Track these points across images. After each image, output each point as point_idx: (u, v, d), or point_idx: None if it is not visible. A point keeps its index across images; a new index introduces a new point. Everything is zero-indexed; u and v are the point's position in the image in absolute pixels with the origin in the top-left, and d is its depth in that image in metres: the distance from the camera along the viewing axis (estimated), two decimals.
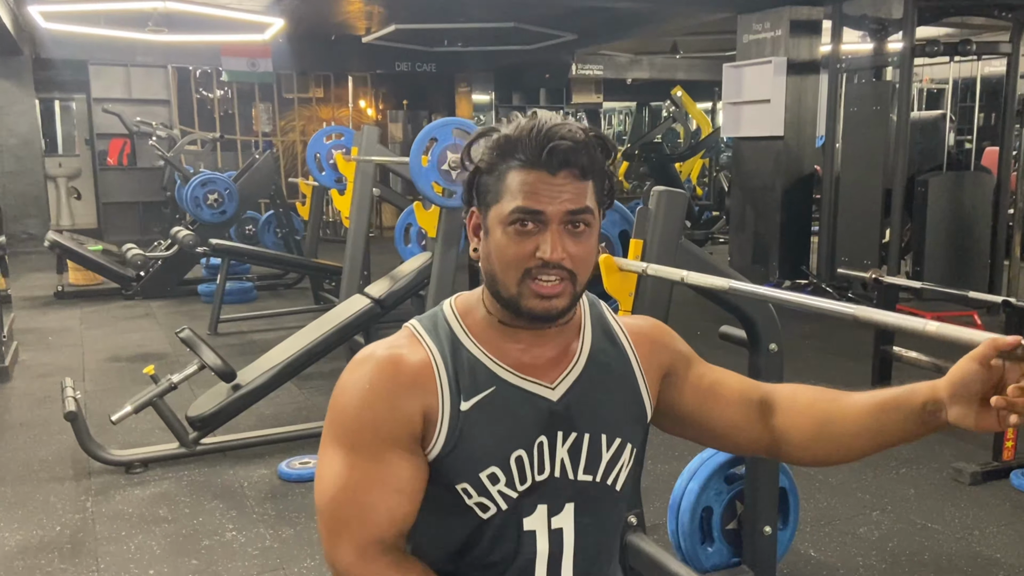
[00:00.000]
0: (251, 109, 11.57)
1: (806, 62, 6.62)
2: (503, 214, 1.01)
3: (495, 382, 1.05)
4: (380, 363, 1.04)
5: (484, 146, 1.04)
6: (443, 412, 1.03)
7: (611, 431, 1.09)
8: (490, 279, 1.05)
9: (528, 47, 9.83)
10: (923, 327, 1.26)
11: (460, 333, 1.08)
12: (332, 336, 3.62)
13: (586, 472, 1.08)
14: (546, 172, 1.00)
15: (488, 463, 1.04)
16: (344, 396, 1.05)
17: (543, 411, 1.06)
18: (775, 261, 6.89)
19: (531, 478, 1.05)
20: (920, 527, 2.84)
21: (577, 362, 1.10)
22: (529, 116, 1.04)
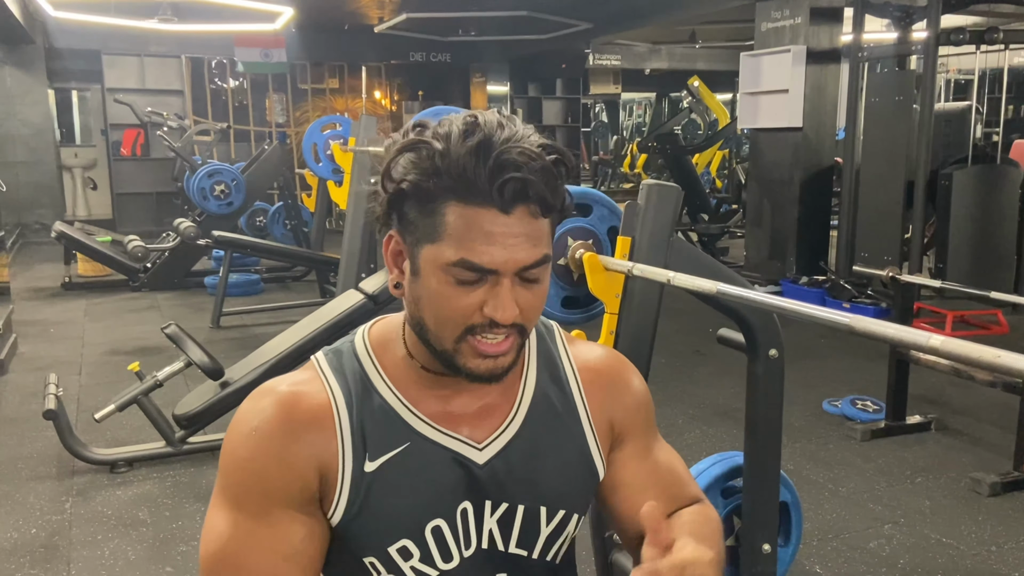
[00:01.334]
0: (265, 100, 11.50)
1: (826, 51, 6.41)
2: (441, 261, 0.80)
3: (409, 437, 0.87)
4: (273, 404, 0.87)
5: (410, 162, 0.80)
6: (343, 471, 0.86)
7: (552, 502, 0.92)
8: (417, 325, 0.86)
9: (543, 36, 9.66)
10: (927, 341, 1.10)
11: (372, 372, 0.89)
12: (323, 332, 3.51)
13: (519, 547, 0.91)
14: (496, 210, 0.79)
15: (398, 535, 0.87)
16: (232, 439, 0.88)
17: (468, 473, 0.88)
18: (792, 256, 6.69)
19: (456, 555, 0.89)
20: (935, 542, 2.67)
21: (514, 417, 0.92)
22: (465, 122, 0.80)
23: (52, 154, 10.06)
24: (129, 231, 8.66)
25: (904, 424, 3.57)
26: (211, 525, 0.88)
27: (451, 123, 0.81)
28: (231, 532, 0.86)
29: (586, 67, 12.65)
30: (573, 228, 2.07)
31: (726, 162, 11.43)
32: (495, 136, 0.78)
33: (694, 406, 3.96)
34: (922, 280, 3.69)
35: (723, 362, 4.44)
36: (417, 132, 0.82)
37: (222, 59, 10.96)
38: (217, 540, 0.86)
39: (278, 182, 7.72)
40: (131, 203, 10.72)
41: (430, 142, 0.79)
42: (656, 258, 1.84)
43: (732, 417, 3.77)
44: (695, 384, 4.28)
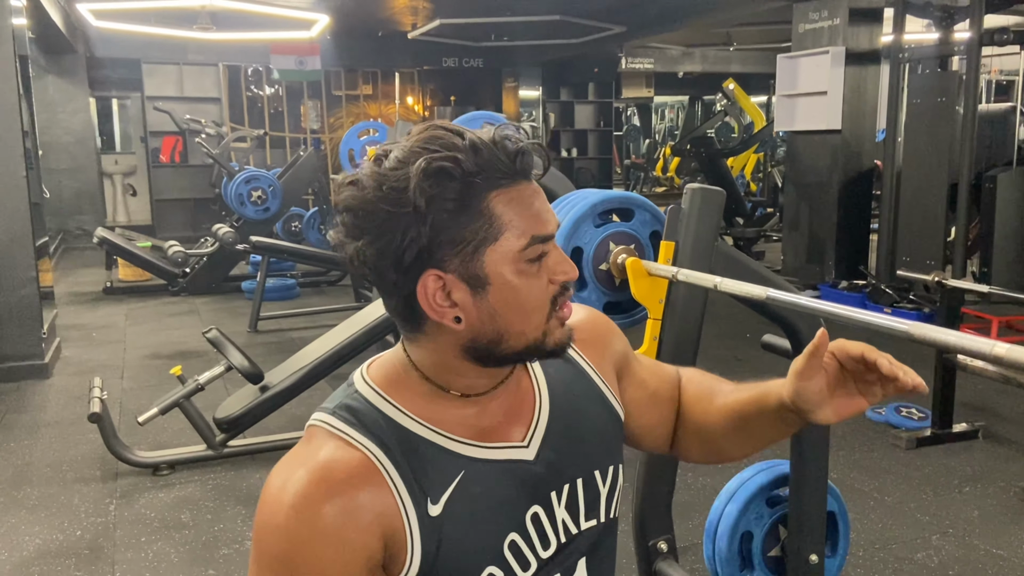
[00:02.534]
0: (300, 106, 11.63)
1: (866, 52, 6.31)
2: (512, 252, 0.79)
3: (461, 465, 0.83)
4: (309, 483, 0.78)
5: (441, 178, 0.76)
6: (409, 525, 0.80)
7: (601, 462, 0.94)
8: (488, 341, 0.82)
9: (576, 41, 9.65)
10: (991, 349, 1.07)
11: (398, 416, 0.83)
12: (360, 337, 3.52)
13: (588, 519, 0.92)
14: (524, 181, 0.81)
15: (482, 565, 0.83)
16: (270, 531, 0.78)
17: (525, 477, 0.87)
18: (831, 261, 6.59)
19: (534, 561, 0.87)
20: (984, 553, 2.61)
21: (540, 403, 0.91)
22: (448, 130, 0.80)
23: (93, 161, 10.27)
24: (167, 237, 8.81)
25: (951, 432, 3.50)
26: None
27: (424, 134, 0.80)
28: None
29: (618, 71, 12.59)
30: (615, 233, 2.05)
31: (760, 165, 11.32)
32: (480, 131, 0.81)
33: None
34: (969, 285, 3.61)
35: (762, 368, 4.33)
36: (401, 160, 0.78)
37: (258, 67, 11.10)
38: None
39: (313, 188, 7.79)
40: (169, 209, 10.89)
41: (453, 155, 0.77)
42: (701, 263, 1.82)
43: None
44: None
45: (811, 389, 0.88)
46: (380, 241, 0.78)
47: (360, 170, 0.80)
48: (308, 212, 8.16)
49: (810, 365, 0.87)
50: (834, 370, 0.88)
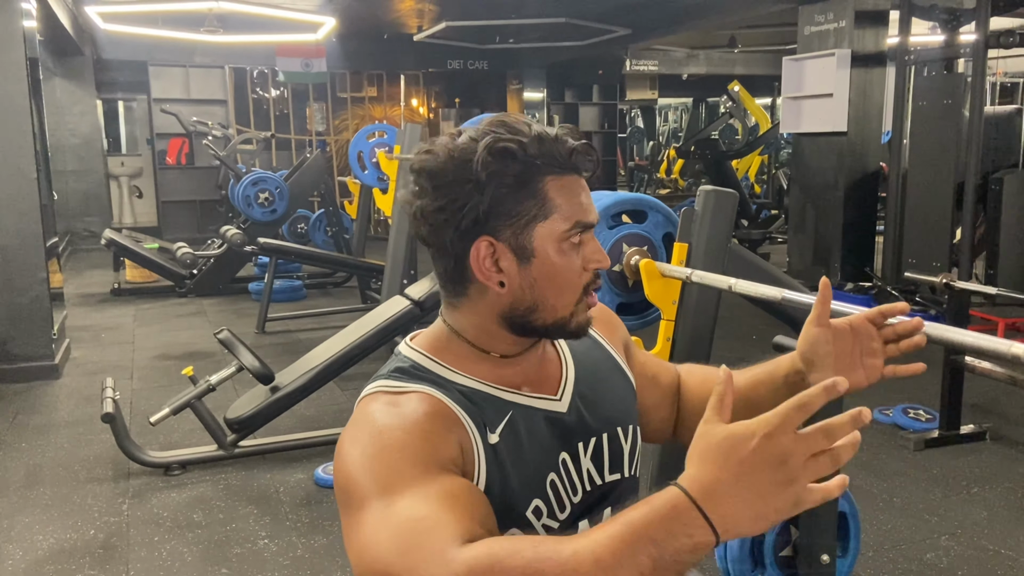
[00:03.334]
0: (305, 108, 11.66)
1: (872, 54, 6.32)
2: (558, 231, 0.89)
3: (508, 407, 0.93)
4: (389, 417, 0.86)
5: (505, 157, 0.87)
6: (477, 448, 0.88)
7: (622, 421, 1.04)
8: (524, 309, 0.91)
9: (581, 43, 9.67)
10: (1008, 350, 1.09)
11: (446, 372, 0.93)
12: (371, 338, 3.55)
13: (612, 472, 1.01)
14: (576, 175, 0.92)
15: (531, 495, 0.92)
16: (356, 459, 0.83)
17: (558, 426, 0.97)
18: (837, 263, 6.60)
19: (568, 504, 0.96)
20: (992, 553, 2.62)
21: (567, 364, 1.02)
22: (518, 121, 0.90)
23: (100, 163, 10.30)
24: (174, 238, 8.83)
25: (958, 433, 3.51)
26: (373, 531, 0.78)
27: (495, 121, 0.90)
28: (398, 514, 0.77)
29: (623, 72, 12.62)
30: (628, 235, 2.07)
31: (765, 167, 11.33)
32: (546, 126, 0.91)
33: None
34: (977, 287, 3.62)
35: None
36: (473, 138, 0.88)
37: (264, 69, 11.13)
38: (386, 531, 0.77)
39: (319, 190, 7.82)
40: (176, 211, 10.93)
41: (518, 139, 0.88)
42: (714, 264, 1.83)
43: None
44: None
45: (820, 344, 1.01)
46: (443, 201, 0.88)
47: (436, 141, 0.90)
48: (314, 214, 8.18)
49: (823, 312, 1.01)
50: (844, 334, 1.01)
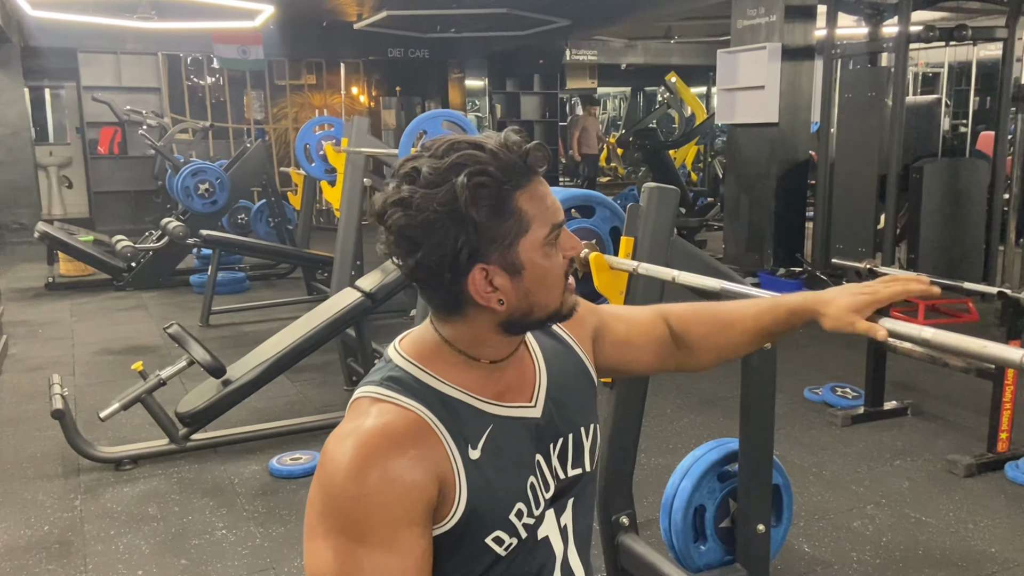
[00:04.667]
0: (243, 96, 11.48)
1: (801, 48, 6.55)
2: (539, 240, 0.96)
3: (489, 420, 1.01)
4: (375, 436, 0.92)
5: (477, 189, 0.91)
6: (457, 467, 0.95)
7: (585, 420, 1.12)
8: (521, 315, 0.98)
9: (522, 33, 9.75)
10: (919, 334, 1.23)
11: (436, 384, 0.99)
12: (322, 331, 3.59)
13: (574, 467, 1.10)
14: (537, 178, 0.97)
15: (513, 501, 1.00)
16: (339, 483, 0.91)
17: (533, 431, 1.05)
18: (769, 249, 6.85)
19: (542, 500, 1.05)
20: (914, 521, 2.83)
21: (540, 370, 1.09)
22: (470, 143, 0.93)
23: (29, 153, 9.97)
24: (107, 230, 8.65)
25: (882, 410, 3.74)
26: (332, 569, 0.89)
27: (447, 149, 0.93)
28: (361, 569, 0.89)
29: (563, 62, 12.75)
30: (577, 229, 2.18)
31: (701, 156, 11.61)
32: (489, 139, 0.95)
33: (682, 396, 4.09)
34: (895, 271, 3.85)
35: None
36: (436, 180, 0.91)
37: (199, 56, 10.92)
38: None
39: (261, 180, 7.75)
40: (109, 201, 10.66)
41: (480, 166, 0.91)
42: (658, 257, 1.96)
43: (718, 405, 3.91)
44: (683, 376, 4.41)
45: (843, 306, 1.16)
46: (439, 250, 0.92)
47: (400, 190, 0.92)
48: (256, 205, 8.10)
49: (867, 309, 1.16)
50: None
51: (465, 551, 0.98)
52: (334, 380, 4.39)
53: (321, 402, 4.10)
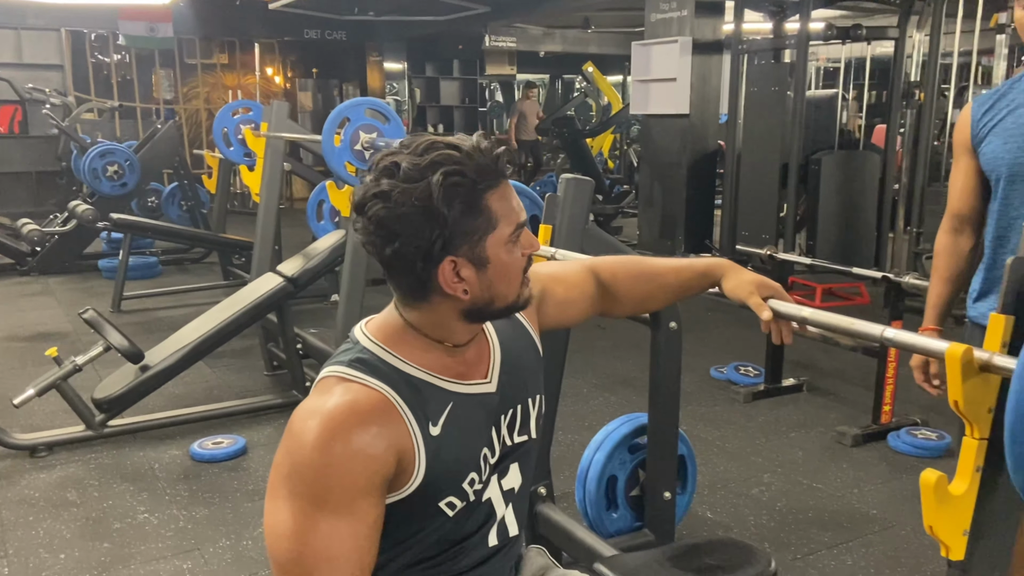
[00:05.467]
0: (151, 75, 11.11)
1: (710, 42, 6.82)
2: (505, 237, 1.05)
3: (450, 398, 1.10)
4: (342, 413, 1.01)
5: (451, 189, 1.00)
6: (417, 443, 1.05)
7: (532, 392, 1.24)
8: (482, 304, 1.08)
9: (441, 18, 9.77)
10: (798, 312, 1.39)
11: (401, 364, 1.08)
12: (244, 315, 3.60)
13: (520, 435, 1.22)
14: (502, 180, 1.07)
15: (467, 471, 1.11)
16: (307, 449, 1.00)
17: (489, 405, 1.16)
18: (681, 235, 7.12)
19: (489, 466, 1.16)
20: (806, 487, 3.07)
21: (495, 348, 1.20)
22: (425, 149, 1.02)
23: None
24: (7, 212, 8.27)
25: (780, 386, 4.00)
26: (288, 527, 0.99)
27: (426, 148, 1.02)
28: (316, 528, 0.99)
29: (482, 48, 12.80)
30: None
31: (617, 144, 11.88)
32: (463, 140, 1.04)
33: (597, 376, 4.27)
34: (795, 258, 4.12)
35: (621, 336, 4.79)
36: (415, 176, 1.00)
37: (104, 32, 10.51)
38: (300, 537, 0.99)
39: (173, 162, 7.56)
40: (8, 183, 10.16)
41: (456, 166, 1.01)
42: (574, 244, 2.09)
43: (630, 385, 4.10)
44: (597, 356, 4.60)
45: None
46: (414, 241, 1.01)
47: (380, 184, 1.01)
48: (167, 188, 7.91)
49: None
50: None
51: (418, 514, 1.09)
52: (254, 365, 4.39)
53: (241, 387, 4.10)
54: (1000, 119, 1.73)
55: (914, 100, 6.01)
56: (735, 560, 1.72)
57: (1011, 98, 1.73)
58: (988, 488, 1.11)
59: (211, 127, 5.38)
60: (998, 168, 1.73)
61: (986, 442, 1.11)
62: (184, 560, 2.54)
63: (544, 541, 2.23)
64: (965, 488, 1.15)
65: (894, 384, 3.49)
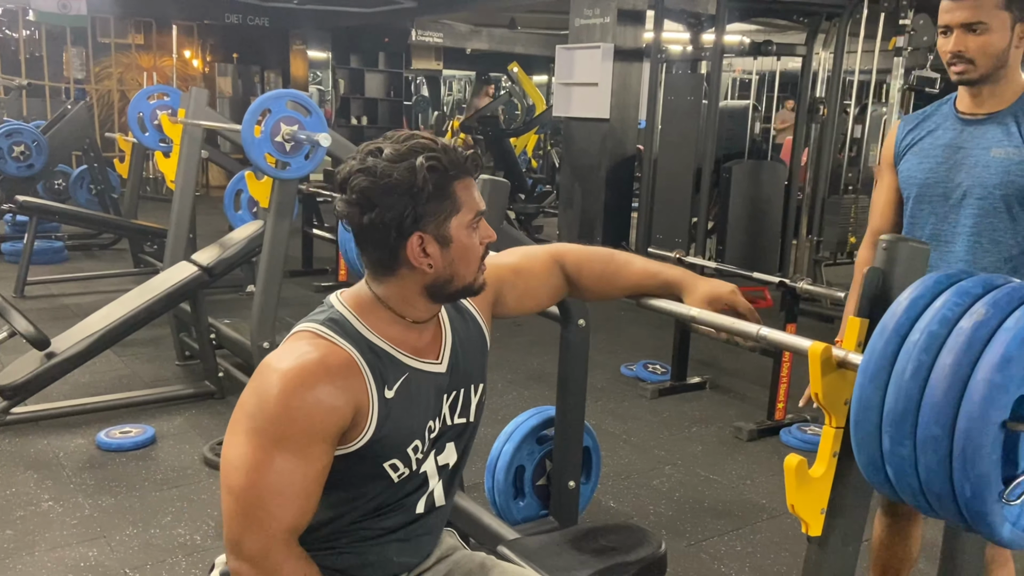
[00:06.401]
0: (62, 53, 10.68)
1: (631, 50, 7.01)
2: (466, 221, 1.20)
3: (406, 369, 1.23)
4: (313, 364, 1.14)
5: (428, 172, 1.14)
6: (373, 401, 1.18)
7: (475, 379, 1.37)
8: (443, 281, 1.22)
9: (366, 10, 9.71)
10: (687, 312, 1.51)
11: (368, 333, 1.21)
12: (157, 303, 3.56)
13: (460, 417, 1.34)
14: (470, 176, 1.22)
15: (412, 438, 1.24)
16: (275, 391, 1.12)
17: (438, 383, 1.29)
18: (599, 236, 7.30)
19: (430, 440, 1.29)
20: (704, 479, 3.24)
21: (447, 334, 1.32)
22: (425, 138, 1.18)
23: None
24: None
25: (685, 384, 4.19)
26: (246, 460, 1.12)
27: (407, 138, 1.18)
28: (272, 464, 1.11)
29: (409, 42, 12.76)
30: None
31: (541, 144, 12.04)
32: (436, 139, 1.20)
33: (512, 372, 4.38)
34: (702, 262, 4.30)
35: (536, 333, 4.91)
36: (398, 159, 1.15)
37: (12, 7, 10.04)
38: (256, 470, 1.11)
39: (83, 144, 7.32)
40: None
41: (433, 156, 1.15)
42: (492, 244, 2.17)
43: (544, 381, 4.23)
44: (513, 352, 4.71)
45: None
46: (390, 212, 1.15)
47: (365, 161, 1.15)
48: (75, 170, 7.64)
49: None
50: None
51: (366, 471, 1.21)
52: (165, 355, 4.33)
53: (151, 376, 4.04)
54: (920, 139, 1.86)
55: (818, 115, 6.34)
56: (628, 542, 1.84)
57: (933, 120, 1.86)
58: (843, 471, 1.25)
59: (124, 109, 5.24)
60: (910, 187, 1.86)
61: (842, 430, 1.25)
62: (89, 547, 2.52)
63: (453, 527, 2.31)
64: (823, 471, 1.29)
65: (788, 383, 3.71)
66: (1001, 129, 1.75)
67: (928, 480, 1.02)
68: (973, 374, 0.97)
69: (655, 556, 1.82)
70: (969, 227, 1.79)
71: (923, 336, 1.02)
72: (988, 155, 1.76)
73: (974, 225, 1.78)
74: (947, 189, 1.81)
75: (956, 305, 1.03)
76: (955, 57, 1.73)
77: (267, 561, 1.12)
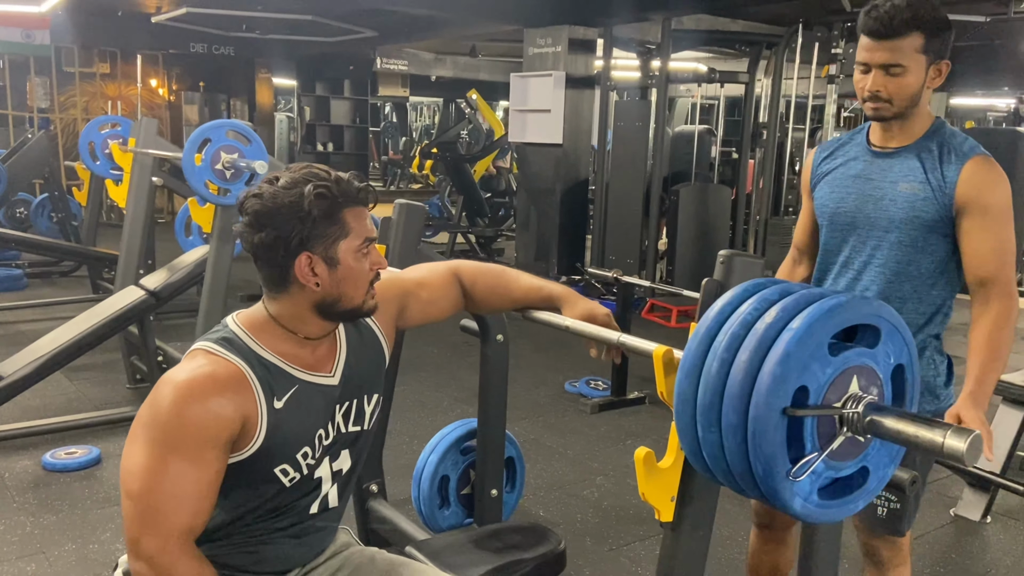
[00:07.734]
0: (25, 82, 10.73)
1: (583, 77, 7.22)
2: (355, 246, 1.30)
3: (296, 382, 1.34)
4: (204, 378, 1.24)
5: (316, 198, 1.26)
6: (261, 412, 1.28)
7: (369, 390, 1.46)
8: (333, 301, 1.32)
9: (329, 39, 9.89)
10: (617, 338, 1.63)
11: (259, 349, 1.32)
12: (103, 327, 3.64)
13: (354, 425, 1.45)
14: (362, 206, 1.33)
15: (301, 445, 1.34)
16: (167, 402, 1.22)
17: (329, 395, 1.38)
18: (554, 258, 7.47)
19: (322, 447, 1.38)
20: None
21: (341, 347, 1.43)
22: (321, 170, 1.30)
23: None
24: None
25: (625, 399, 4.33)
26: (143, 466, 1.22)
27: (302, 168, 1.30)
28: (166, 469, 1.21)
29: (374, 70, 12.95)
30: None
31: None
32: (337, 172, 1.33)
33: (459, 390, 4.50)
34: (639, 281, 4.49)
35: (456, 345, 5.02)
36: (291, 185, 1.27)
37: None
38: (153, 476, 1.21)
39: (43, 173, 7.38)
40: None
41: (322, 185, 1.27)
42: (407, 262, 2.31)
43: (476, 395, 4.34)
44: (461, 371, 4.83)
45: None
46: (278, 232, 1.26)
47: (259, 187, 1.29)
48: (37, 198, 7.70)
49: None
50: None
51: (258, 476, 1.31)
52: (116, 379, 4.40)
53: (101, 399, 4.11)
54: (834, 168, 1.89)
55: (761, 139, 6.58)
56: (529, 541, 1.98)
57: (847, 150, 1.89)
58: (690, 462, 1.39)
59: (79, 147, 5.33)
60: (823, 215, 1.90)
61: None
62: (28, 563, 2.60)
63: (375, 534, 2.43)
64: (671, 462, 1.44)
65: None
66: (908, 164, 1.78)
67: (733, 463, 1.17)
68: (761, 368, 1.12)
69: (553, 553, 1.95)
70: (878, 257, 1.82)
71: (727, 337, 1.17)
72: (896, 189, 1.78)
73: (882, 256, 1.81)
74: (856, 219, 1.83)
75: (756, 310, 1.18)
76: (873, 96, 1.74)
77: (163, 560, 1.21)
